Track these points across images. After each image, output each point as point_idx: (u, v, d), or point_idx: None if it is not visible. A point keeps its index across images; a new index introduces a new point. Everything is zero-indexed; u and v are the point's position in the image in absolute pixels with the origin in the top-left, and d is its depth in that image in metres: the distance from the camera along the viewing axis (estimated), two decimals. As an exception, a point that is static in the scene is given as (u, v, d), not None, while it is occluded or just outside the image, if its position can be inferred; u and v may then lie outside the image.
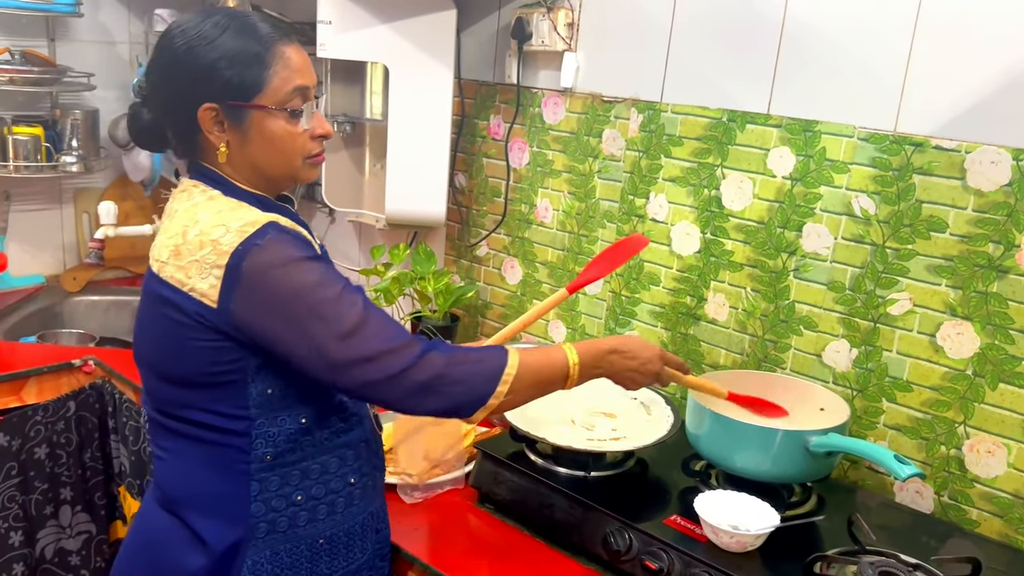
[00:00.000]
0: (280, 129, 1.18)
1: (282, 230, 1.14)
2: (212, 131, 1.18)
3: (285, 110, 1.18)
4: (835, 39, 1.54)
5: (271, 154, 1.20)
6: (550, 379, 1.22)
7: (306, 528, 1.24)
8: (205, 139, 1.19)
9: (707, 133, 1.72)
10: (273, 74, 1.16)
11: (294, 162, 1.21)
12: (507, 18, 2.01)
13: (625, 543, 1.34)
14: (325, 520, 1.26)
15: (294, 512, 1.23)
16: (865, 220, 1.54)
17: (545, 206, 2.03)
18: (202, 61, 1.15)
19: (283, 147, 1.19)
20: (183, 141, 1.22)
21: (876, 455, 1.36)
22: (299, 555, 1.24)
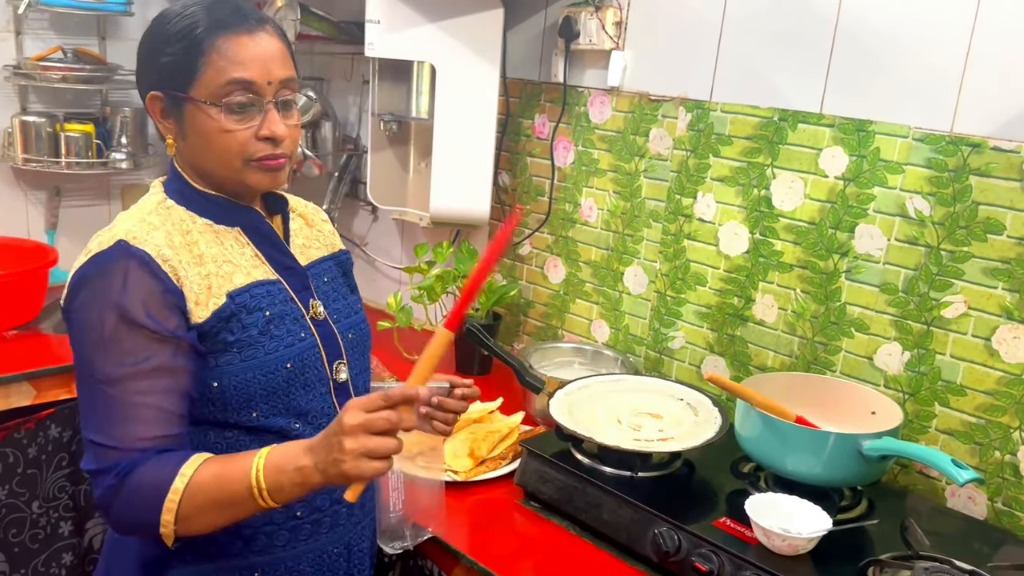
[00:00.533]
0: (212, 125, 1.09)
1: (129, 253, 1.06)
2: (160, 122, 1.14)
3: (217, 104, 1.08)
4: (890, 37, 1.52)
5: (205, 152, 1.12)
6: (233, 500, 1.02)
7: (239, 558, 1.16)
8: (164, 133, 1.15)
9: (757, 132, 1.70)
10: (205, 64, 1.08)
11: (230, 163, 1.11)
12: (554, 17, 2.00)
13: (674, 544, 1.34)
14: (262, 552, 1.17)
15: (226, 539, 1.14)
16: (919, 221, 1.52)
17: (590, 205, 2.03)
18: (151, 45, 1.12)
19: (215, 146, 1.10)
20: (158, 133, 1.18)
21: (933, 459, 1.34)
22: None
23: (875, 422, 1.50)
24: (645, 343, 1.97)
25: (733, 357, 1.81)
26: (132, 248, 1.07)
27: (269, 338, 1.14)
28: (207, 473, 1.03)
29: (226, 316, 1.11)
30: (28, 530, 2.04)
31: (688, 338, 1.88)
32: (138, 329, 1.05)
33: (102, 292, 1.05)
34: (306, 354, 1.18)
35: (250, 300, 1.14)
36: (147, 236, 1.09)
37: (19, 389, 2.01)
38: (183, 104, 1.10)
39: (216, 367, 1.11)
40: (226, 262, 1.14)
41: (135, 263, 1.06)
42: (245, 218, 1.18)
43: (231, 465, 1.04)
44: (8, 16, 2.42)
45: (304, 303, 1.21)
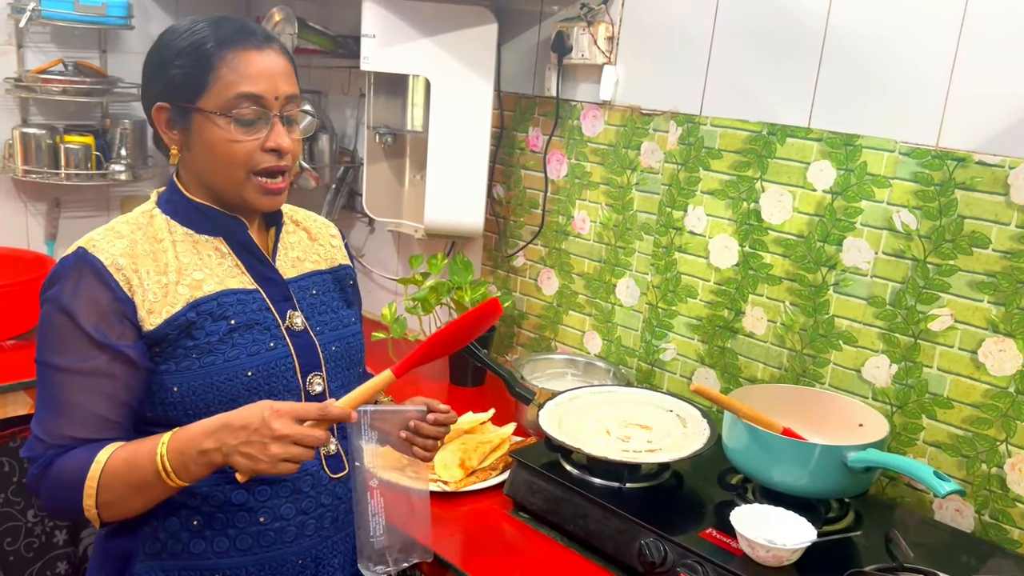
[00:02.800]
0: (220, 135, 1.13)
1: (84, 260, 1.12)
2: (165, 132, 1.17)
3: (226, 115, 1.12)
4: (877, 53, 1.54)
5: (210, 162, 1.15)
6: (144, 481, 1.08)
7: (201, 558, 1.19)
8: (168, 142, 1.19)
9: (747, 146, 1.72)
10: (217, 77, 1.11)
11: (235, 174, 1.15)
12: (547, 32, 2.03)
13: (660, 555, 1.34)
14: (224, 555, 1.19)
15: (188, 538, 1.18)
16: (906, 235, 1.53)
17: (582, 218, 2.05)
18: (160, 58, 1.15)
19: (221, 155, 1.14)
20: (155, 140, 1.21)
21: (915, 471, 1.34)
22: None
23: (862, 434, 1.51)
24: (637, 355, 1.98)
25: (723, 369, 1.82)
26: (87, 256, 1.12)
27: (231, 346, 1.16)
28: (118, 459, 1.10)
29: (182, 323, 1.14)
30: (23, 539, 2.05)
31: (679, 350, 1.89)
32: (79, 331, 1.11)
33: (57, 291, 1.12)
34: (273, 364, 1.19)
35: (216, 308, 1.16)
36: (106, 244, 1.14)
37: (15, 399, 2.02)
38: (191, 115, 1.14)
39: (175, 372, 1.14)
40: (197, 270, 1.17)
41: (87, 270, 1.12)
42: (228, 229, 1.21)
43: (139, 450, 1.10)
44: (10, 29, 2.45)
45: (281, 313, 1.23)
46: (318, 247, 1.35)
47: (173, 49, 1.14)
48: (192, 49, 1.13)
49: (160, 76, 1.15)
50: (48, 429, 1.12)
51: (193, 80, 1.13)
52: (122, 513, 1.12)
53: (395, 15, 2.00)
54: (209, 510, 1.18)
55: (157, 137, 1.20)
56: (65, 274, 1.13)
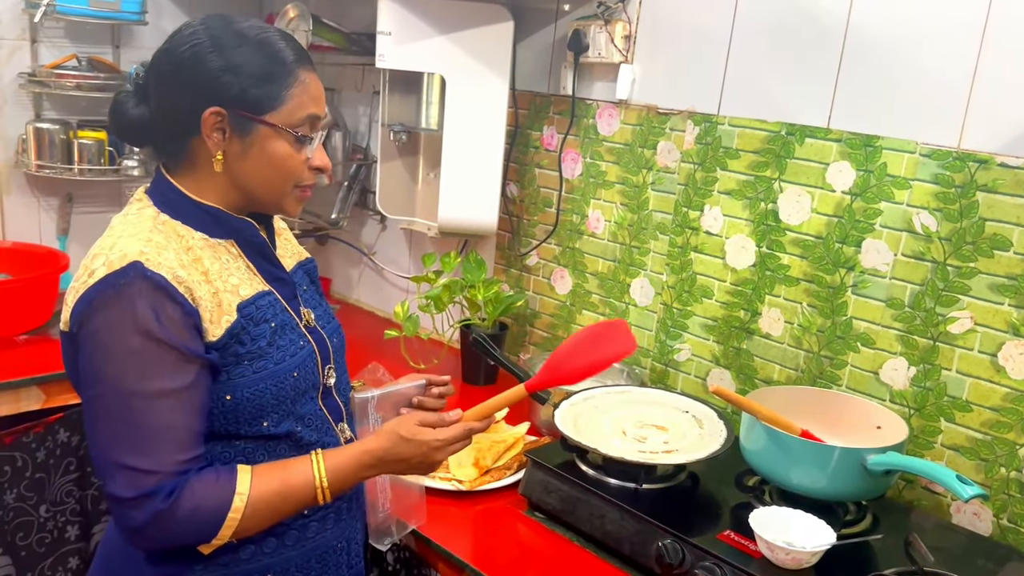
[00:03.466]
0: (283, 151, 1.14)
1: (146, 276, 1.05)
2: (211, 136, 1.13)
3: (293, 133, 1.14)
4: (898, 53, 1.53)
5: (266, 173, 1.16)
6: (294, 505, 1.14)
7: (251, 562, 1.17)
8: (199, 143, 1.14)
9: (765, 146, 1.71)
10: (291, 96, 1.13)
11: (285, 187, 1.17)
12: (563, 30, 2.02)
13: (678, 556, 1.34)
14: (273, 554, 1.19)
15: (237, 544, 1.15)
16: (926, 237, 1.52)
17: (597, 217, 2.04)
18: (223, 63, 1.11)
19: (280, 169, 1.15)
20: (171, 141, 1.16)
21: (937, 474, 1.34)
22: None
23: (880, 437, 1.51)
24: (651, 355, 1.97)
25: (739, 370, 1.81)
26: (148, 271, 1.06)
27: (276, 348, 1.17)
28: (268, 490, 1.11)
29: (237, 331, 1.13)
30: (35, 534, 2.05)
31: (694, 351, 1.89)
32: (166, 349, 1.06)
33: (124, 314, 1.05)
34: (307, 362, 1.21)
35: (256, 311, 1.16)
36: (160, 257, 1.08)
37: (29, 393, 2.02)
38: (253, 126, 1.13)
39: (229, 380, 1.12)
40: (230, 275, 1.16)
41: (152, 286, 1.06)
42: (239, 230, 1.19)
43: (290, 480, 1.13)
44: (24, 24, 2.45)
45: (296, 312, 1.24)
46: (285, 242, 1.35)
47: (244, 56, 1.11)
48: (273, 60, 1.12)
49: (225, 82, 1.11)
50: (158, 459, 1.05)
51: (269, 94, 1.12)
52: (249, 536, 1.13)
53: (411, 12, 2.00)
54: None
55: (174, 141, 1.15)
56: (129, 292, 1.05)
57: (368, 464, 1.17)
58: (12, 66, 2.45)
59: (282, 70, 1.13)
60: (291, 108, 1.14)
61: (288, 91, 1.13)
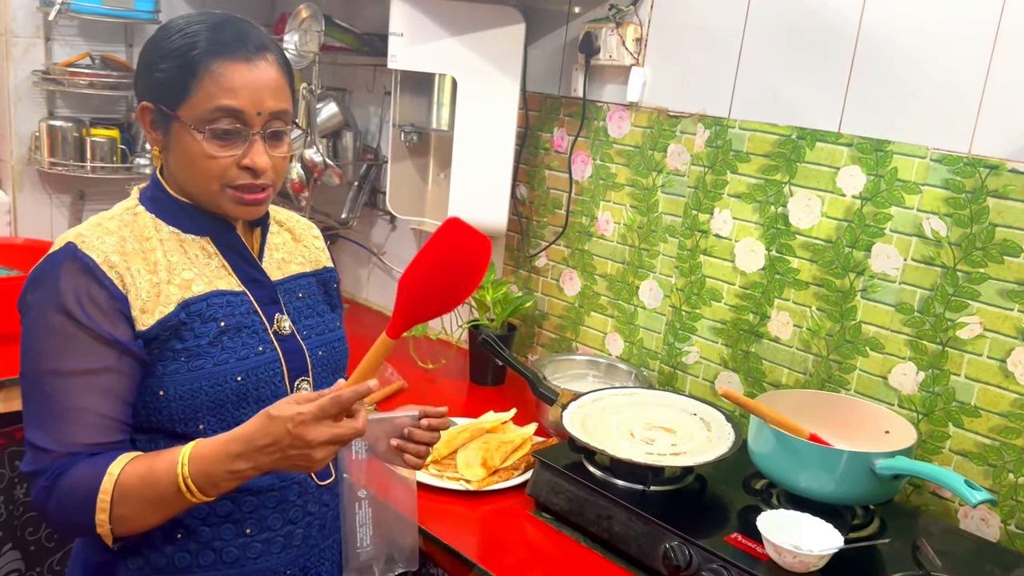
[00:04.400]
0: (194, 148, 1.09)
1: (75, 256, 1.06)
2: (148, 132, 1.13)
3: (200, 129, 1.08)
4: (910, 58, 1.53)
5: (185, 171, 1.12)
6: (163, 497, 1.03)
7: (186, 572, 1.14)
8: None
9: (775, 150, 1.71)
10: (198, 87, 1.07)
11: (208, 186, 1.11)
12: (574, 32, 2.02)
13: (685, 558, 1.34)
14: (210, 568, 1.14)
15: (173, 551, 1.13)
16: (936, 242, 1.52)
17: (606, 219, 2.04)
18: (149, 56, 1.11)
19: (195, 168, 1.10)
20: None
21: (945, 479, 1.34)
22: None
23: (888, 441, 1.51)
24: (659, 357, 1.97)
25: (747, 373, 1.81)
26: (78, 252, 1.07)
27: (220, 349, 1.12)
28: (132, 474, 1.04)
29: (173, 324, 1.09)
30: (44, 529, 2.06)
31: (702, 353, 1.89)
32: (83, 330, 1.05)
33: (49, 292, 1.06)
34: (262, 369, 1.15)
35: (206, 309, 1.12)
36: (97, 241, 1.08)
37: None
38: (171, 121, 1.10)
39: (163, 375, 1.10)
40: (186, 270, 1.13)
41: (78, 267, 1.06)
42: (215, 228, 1.17)
43: (155, 467, 1.04)
44: (38, 22, 2.47)
45: (269, 317, 1.19)
46: (302, 248, 1.30)
47: (162, 49, 1.10)
48: (180, 53, 1.08)
49: (147, 75, 1.11)
50: (57, 438, 1.05)
51: (176, 86, 1.08)
52: (136, 528, 1.06)
53: (423, 14, 2.00)
54: (193, 522, 1.13)
55: None
56: (57, 272, 1.07)
57: (236, 452, 1.01)
58: (26, 64, 2.47)
59: (189, 59, 1.07)
60: (198, 101, 1.07)
61: (192, 82, 1.07)
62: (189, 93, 1.08)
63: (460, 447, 1.71)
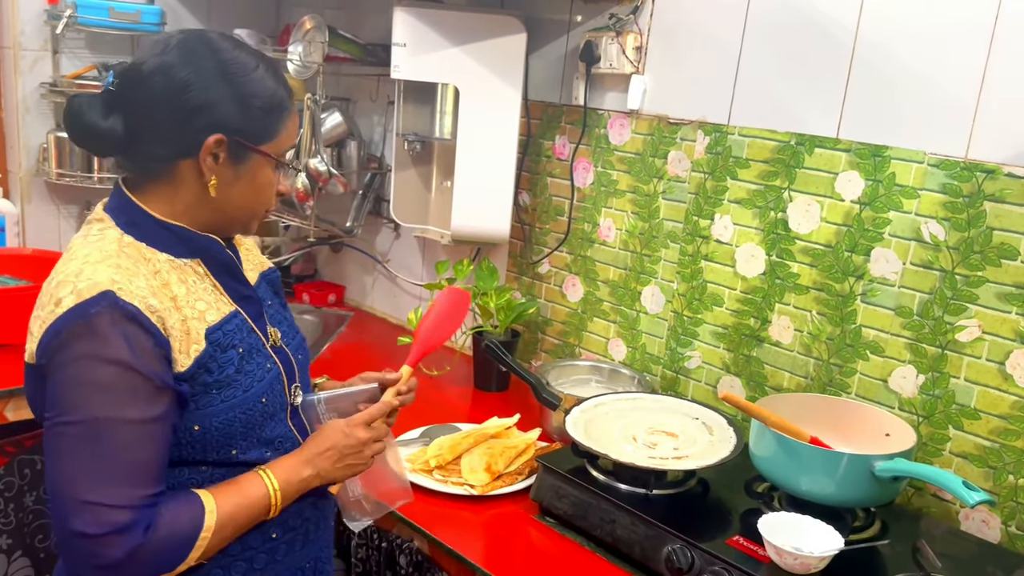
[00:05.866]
0: (269, 179, 1.18)
1: (117, 305, 1.02)
2: (206, 160, 1.10)
3: (284, 163, 1.19)
4: (906, 64, 1.55)
5: (250, 199, 1.17)
6: (250, 519, 1.13)
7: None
8: (188, 166, 1.11)
9: (775, 156, 1.73)
10: (284, 127, 1.16)
11: (260, 210, 1.20)
12: (575, 41, 2.05)
13: (687, 561, 1.35)
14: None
15: (207, 569, 1.12)
16: (934, 246, 1.53)
17: (608, 225, 2.06)
18: (232, 92, 1.10)
19: (263, 195, 1.18)
20: (155, 159, 1.11)
21: (943, 480, 1.35)
22: None
23: (889, 444, 1.52)
24: (662, 362, 1.99)
25: (749, 377, 1.83)
26: (120, 301, 1.02)
27: (244, 375, 1.14)
28: (229, 504, 1.10)
29: (205, 360, 1.09)
30: (53, 537, 2.08)
31: (704, 358, 1.90)
32: (141, 379, 1.02)
33: (96, 344, 1.01)
34: (274, 385, 1.19)
35: (223, 337, 1.13)
36: (131, 285, 1.04)
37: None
38: (250, 155, 1.13)
39: (197, 410, 1.09)
40: (198, 300, 1.12)
41: (124, 316, 1.02)
42: (205, 248, 1.16)
43: (244, 492, 1.12)
44: (46, 35, 2.50)
45: (263, 331, 1.21)
46: (247, 253, 1.32)
47: (252, 86, 1.12)
48: (273, 96, 1.14)
49: (232, 109, 1.10)
50: (128, 495, 1.01)
51: (268, 125, 1.14)
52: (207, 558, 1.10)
53: (425, 24, 2.03)
54: None
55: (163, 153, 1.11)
56: (101, 323, 1.01)
57: (303, 462, 1.17)
58: (34, 76, 2.50)
59: (281, 104, 1.15)
60: (283, 139, 1.17)
61: (284, 122, 1.16)
62: (278, 132, 1.16)
63: (464, 452, 1.72)
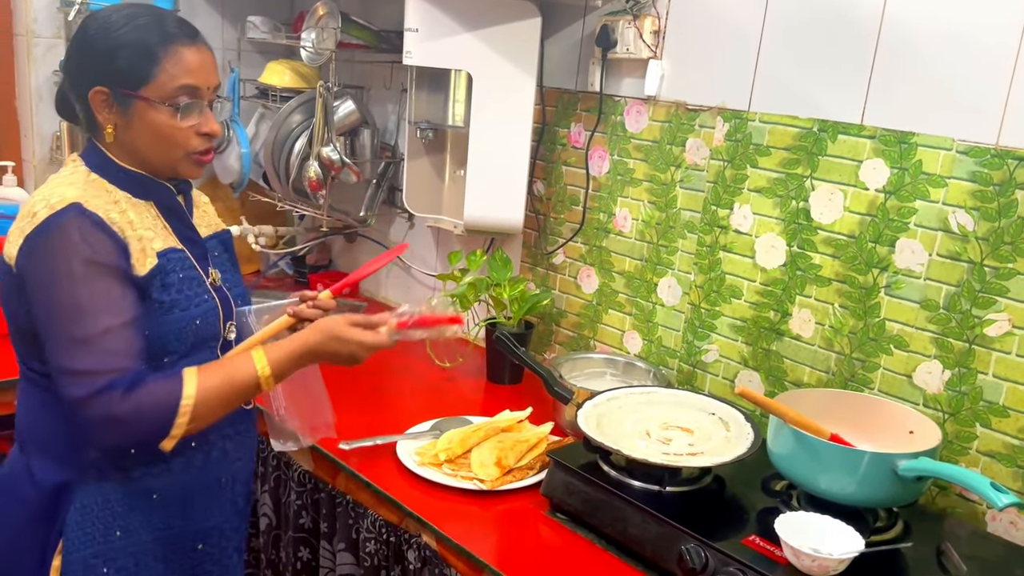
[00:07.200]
0: (161, 121, 1.27)
1: (83, 214, 1.21)
2: (101, 112, 1.28)
3: (168, 105, 1.26)
4: (935, 48, 1.48)
5: (150, 142, 1.29)
6: (240, 394, 1.27)
7: (140, 481, 1.33)
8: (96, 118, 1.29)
9: (796, 143, 1.67)
10: (162, 70, 1.25)
11: (173, 153, 1.30)
12: (591, 26, 2.00)
13: (701, 561, 1.31)
14: (160, 476, 1.34)
15: (128, 463, 1.31)
16: (962, 237, 1.48)
17: (624, 215, 2.01)
18: (103, 46, 1.25)
19: (162, 138, 1.28)
20: (85, 117, 1.32)
21: (971, 481, 1.30)
22: (132, 505, 1.33)
23: (913, 442, 1.46)
24: (678, 355, 1.94)
25: (768, 372, 1.77)
26: (86, 210, 1.21)
27: (184, 297, 1.31)
28: (214, 379, 1.23)
29: (155, 273, 1.27)
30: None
31: (722, 351, 1.85)
32: (108, 270, 1.21)
33: (67, 244, 1.19)
34: (209, 314, 1.35)
35: (167, 263, 1.30)
36: (95, 200, 1.24)
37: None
38: (132, 101, 1.26)
39: (145, 317, 1.26)
40: (147, 229, 1.30)
41: (89, 222, 1.21)
42: (158, 194, 1.34)
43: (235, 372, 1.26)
44: (59, 23, 2.48)
45: (204, 271, 1.38)
46: (202, 213, 1.48)
47: (118, 39, 1.25)
48: (138, 41, 1.25)
49: (102, 63, 1.25)
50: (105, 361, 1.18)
51: (140, 71, 1.25)
52: (196, 430, 1.23)
53: (438, 9, 1.99)
54: None
55: (87, 114, 1.29)
56: (69, 227, 1.20)
57: (301, 354, 1.30)
58: (47, 64, 2.49)
59: (154, 46, 1.25)
60: (163, 81, 1.25)
61: (158, 65, 1.25)
62: (153, 75, 1.25)
63: (475, 446, 1.69)
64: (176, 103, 1.27)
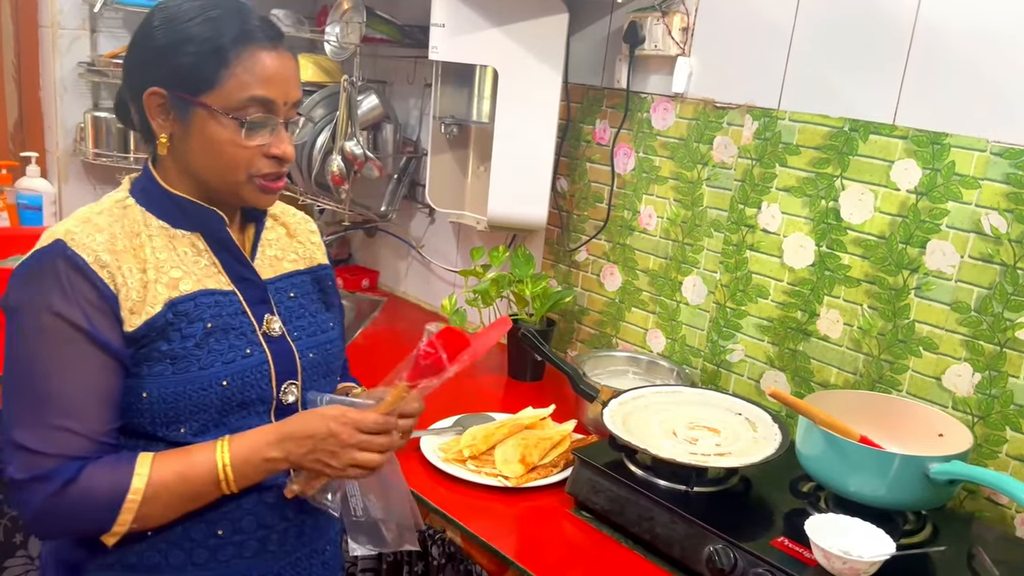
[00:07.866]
0: (222, 137, 1.07)
1: (63, 254, 1.03)
2: (155, 118, 1.08)
3: (233, 117, 1.06)
4: (969, 48, 1.47)
5: (207, 160, 1.08)
6: (197, 492, 1.07)
7: (155, 572, 1.12)
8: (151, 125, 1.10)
9: (827, 142, 1.66)
10: (230, 75, 1.05)
11: (234, 175, 1.09)
12: (619, 22, 1.99)
13: (730, 562, 1.30)
14: (180, 569, 1.12)
15: (142, 549, 1.10)
16: (995, 239, 1.46)
17: (649, 213, 2.00)
18: (165, 39, 1.06)
19: (222, 156, 1.08)
20: (140, 123, 1.12)
21: (1004, 486, 1.28)
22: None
23: (942, 445, 1.45)
24: (702, 355, 1.93)
25: (794, 372, 1.76)
26: (68, 250, 1.04)
27: (207, 352, 1.10)
28: (167, 470, 1.05)
29: (160, 325, 1.07)
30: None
31: (747, 351, 1.84)
32: (78, 332, 1.03)
33: (38, 291, 1.03)
34: (249, 372, 1.13)
35: (193, 309, 1.10)
36: (87, 239, 1.05)
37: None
38: (191, 108, 1.07)
39: (147, 376, 1.07)
40: (174, 267, 1.10)
41: (69, 265, 1.03)
42: (206, 224, 1.14)
43: (191, 460, 1.07)
44: (84, 14, 2.49)
45: (258, 317, 1.16)
46: (296, 244, 1.28)
47: (184, 33, 1.05)
48: (207, 39, 1.05)
49: (163, 59, 1.06)
50: (52, 441, 1.02)
51: (204, 74, 1.05)
52: (154, 526, 1.08)
53: (465, 4, 1.98)
54: None
55: (143, 120, 1.11)
56: (45, 270, 1.04)
57: (272, 441, 1.08)
58: (72, 55, 2.49)
59: (225, 45, 1.05)
60: (230, 88, 1.05)
61: (227, 69, 1.05)
62: (220, 80, 1.06)
63: (498, 443, 1.69)
64: (243, 117, 1.06)
